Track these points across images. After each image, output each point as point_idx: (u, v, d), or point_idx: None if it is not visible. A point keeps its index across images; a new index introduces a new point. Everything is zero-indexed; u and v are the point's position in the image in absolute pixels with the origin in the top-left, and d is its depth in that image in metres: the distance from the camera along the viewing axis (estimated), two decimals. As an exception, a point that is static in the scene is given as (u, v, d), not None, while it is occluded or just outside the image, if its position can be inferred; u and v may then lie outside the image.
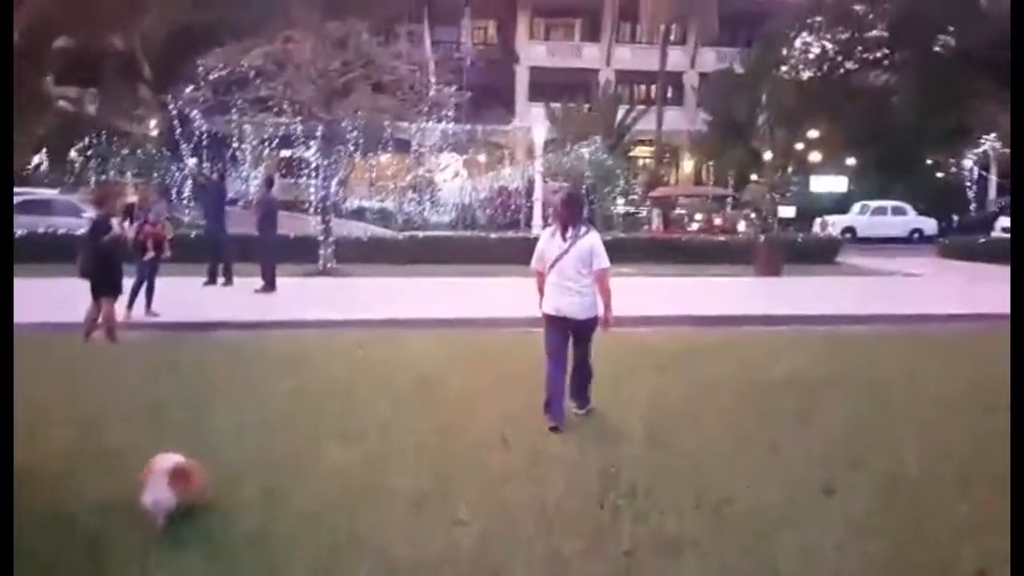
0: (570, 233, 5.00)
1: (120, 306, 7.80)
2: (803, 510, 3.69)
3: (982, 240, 19.87)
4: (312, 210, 14.81)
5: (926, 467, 4.31)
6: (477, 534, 3.37)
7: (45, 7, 4.58)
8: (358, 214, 24.06)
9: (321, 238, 14.35)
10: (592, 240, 5.03)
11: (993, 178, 26.18)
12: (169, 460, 3.45)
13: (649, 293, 11.60)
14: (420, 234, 18.67)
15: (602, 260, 5.01)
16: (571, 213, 5.11)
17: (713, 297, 11.36)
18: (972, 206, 29.85)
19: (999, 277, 12.22)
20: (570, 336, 5.04)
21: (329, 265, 14.19)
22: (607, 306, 5.07)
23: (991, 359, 7.29)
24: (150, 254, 8.69)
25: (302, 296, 11.12)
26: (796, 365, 6.86)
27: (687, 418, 5.26)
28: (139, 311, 8.75)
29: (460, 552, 3.22)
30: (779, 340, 8.36)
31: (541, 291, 5.13)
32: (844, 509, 3.69)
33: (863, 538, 3.38)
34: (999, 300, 10.91)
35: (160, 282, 9.12)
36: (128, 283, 8.19)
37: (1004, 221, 22.83)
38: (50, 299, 8.79)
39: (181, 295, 9.90)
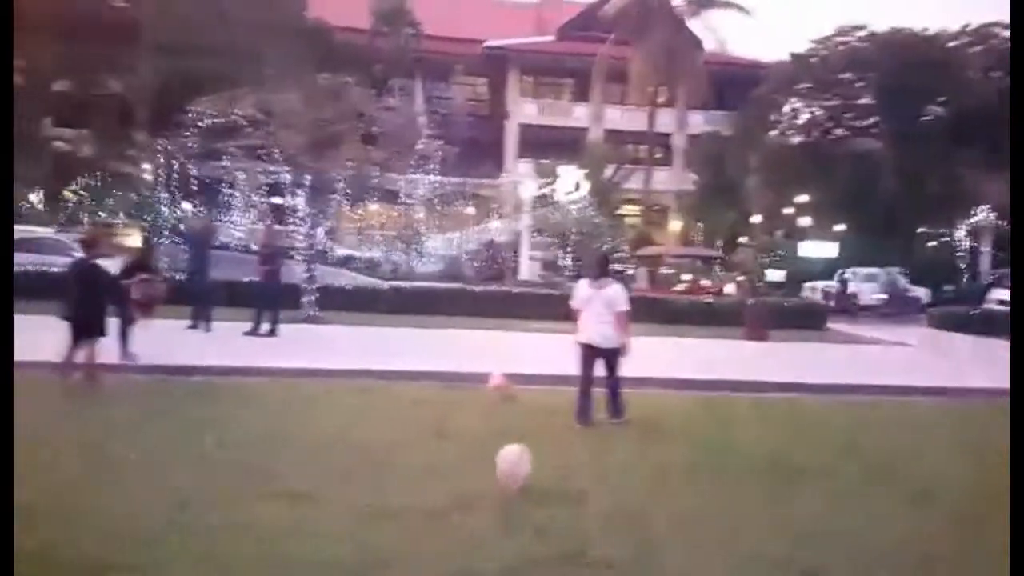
0: (599, 283, 6.78)
1: (107, 348, 7.88)
2: None
3: (974, 311, 20.07)
4: (297, 257, 14.90)
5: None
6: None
7: (45, 50, 4.76)
8: (344, 263, 24.18)
9: (304, 286, 14.43)
10: (616, 289, 6.81)
11: (986, 250, 26.56)
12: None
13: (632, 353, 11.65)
14: (405, 284, 18.78)
15: (622, 304, 6.73)
16: (600, 268, 6.96)
17: (699, 360, 11.43)
18: (965, 277, 30.31)
19: (992, 350, 12.29)
20: (596, 361, 6.76)
21: (311, 313, 14.25)
22: (624, 335, 6.73)
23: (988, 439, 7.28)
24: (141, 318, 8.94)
25: (277, 343, 11.19)
26: (777, 443, 6.70)
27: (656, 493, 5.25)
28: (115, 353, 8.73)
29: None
30: (764, 409, 8.31)
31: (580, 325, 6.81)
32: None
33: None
34: (992, 375, 11.04)
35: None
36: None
37: (998, 293, 22.97)
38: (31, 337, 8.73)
39: (165, 338, 9.93)
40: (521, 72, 38.32)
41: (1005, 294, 22.34)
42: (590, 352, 6.79)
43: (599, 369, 6.86)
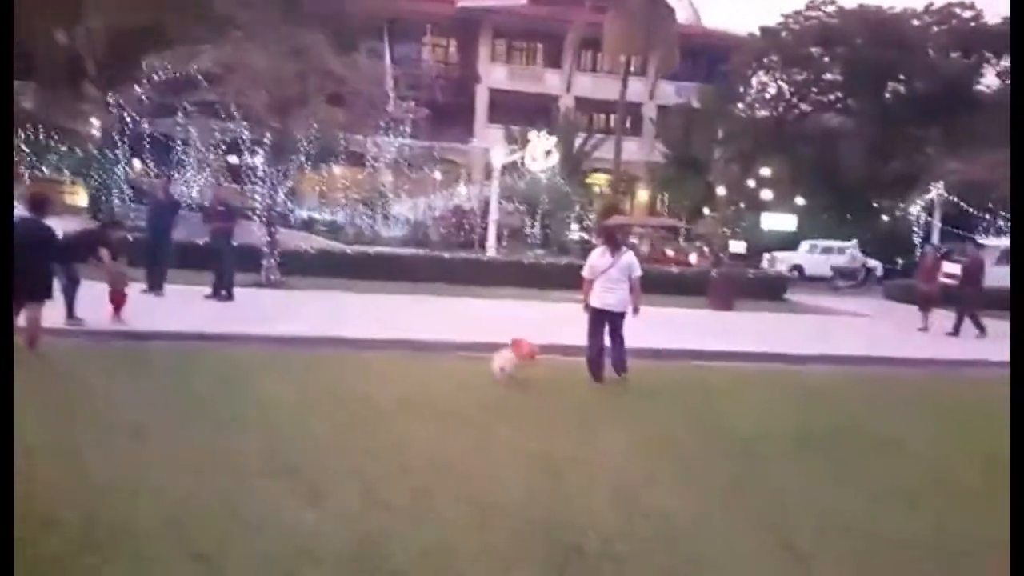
0: (617, 252, 7.48)
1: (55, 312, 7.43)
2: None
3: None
4: (258, 219, 14.38)
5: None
6: None
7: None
8: (307, 226, 23.65)
9: (265, 249, 13.94)
10: (631, 256, 7.60)
11: (937, 223, 27.12)
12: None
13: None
14: (370, 250, 18.36)
15: (637, 270, 7.49)
16: (615, 239, 7.73)
17: (667, 330, 11.32)
18: (918, 251, 30.77)
19: (943, 322, 12.78)
20: (607, 324, 7.39)
21: (272, 277, 13.78)
22: (637, 298, 7.48)
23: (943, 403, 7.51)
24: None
25: (233, 308, 10.78)
26: (752, 409, 6.78)
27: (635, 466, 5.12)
28: (60, 316, 8.26)
29: None
30: (734, 378, 8.37)
31: (586, 294, 7.50)
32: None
33: None
34: (945, 345, 11.32)
35: (91, 288, 8.67)
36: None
37: (947, 267, 23.38)
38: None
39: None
40: (493, 35, 37.48)
41: (952, 268, 22.77)
42: (603, 315, 7.41)
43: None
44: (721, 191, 29.78)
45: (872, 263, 27.66)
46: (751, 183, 29.86)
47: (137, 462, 4.37)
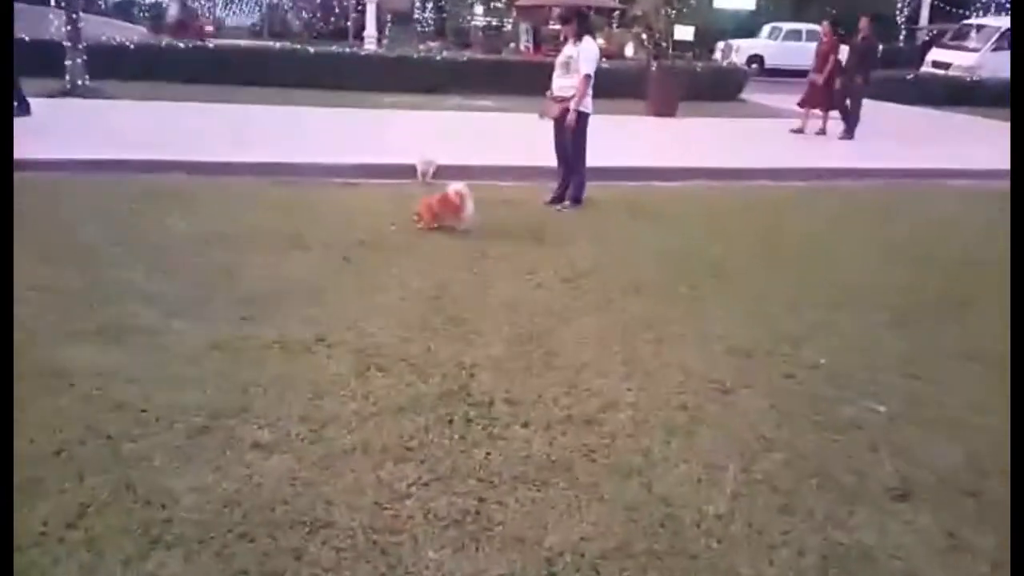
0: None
1: None
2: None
3: (910, 76, 20.84)
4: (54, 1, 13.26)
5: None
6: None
7: None
8: (124, 11, 22.06)
9: (67, 43, 13.01)
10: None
11: (928, -1, 27.15)
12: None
13: (513, 136, 11.42)
14: (210, 43, 17.31)
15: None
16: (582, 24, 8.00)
17: (593, 142, 11.34)
18: (902, 35, 31.19)
19: (934, 125, 12.83)
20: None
21: (80, 82, 13.10)
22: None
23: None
24: None
25: (30, 124, 10.08)
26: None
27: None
28: None
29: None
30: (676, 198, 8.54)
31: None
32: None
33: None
34: (934, 155, 11.66)
35: None
36: None
37: (936, 54, 23.84)
38: None
39: None
40: None
41: (941, 55, 23.34)
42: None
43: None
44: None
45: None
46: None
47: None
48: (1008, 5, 23.00)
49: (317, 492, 2.92)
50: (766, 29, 28.31)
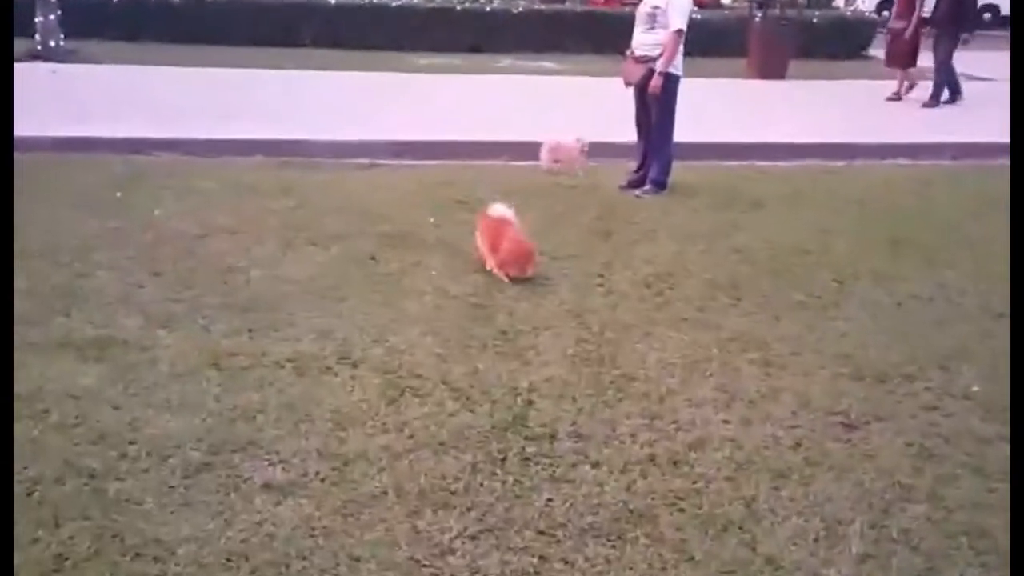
0: None
1: None
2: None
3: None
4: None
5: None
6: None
7: None
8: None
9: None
10: None
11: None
12: None
13: (583, 102, 11.42)
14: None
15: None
16: None
17: (682, 112, 11.32)
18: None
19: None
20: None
21: (53, 43, 13.46)
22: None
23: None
24: None
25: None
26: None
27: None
28: None
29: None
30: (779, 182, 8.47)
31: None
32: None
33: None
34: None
35: None
36: None
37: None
38: None
39: None
40: None
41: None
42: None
43: None
44: None
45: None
46: None
47: None
48: None
49: (340, 545, 2.96)
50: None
